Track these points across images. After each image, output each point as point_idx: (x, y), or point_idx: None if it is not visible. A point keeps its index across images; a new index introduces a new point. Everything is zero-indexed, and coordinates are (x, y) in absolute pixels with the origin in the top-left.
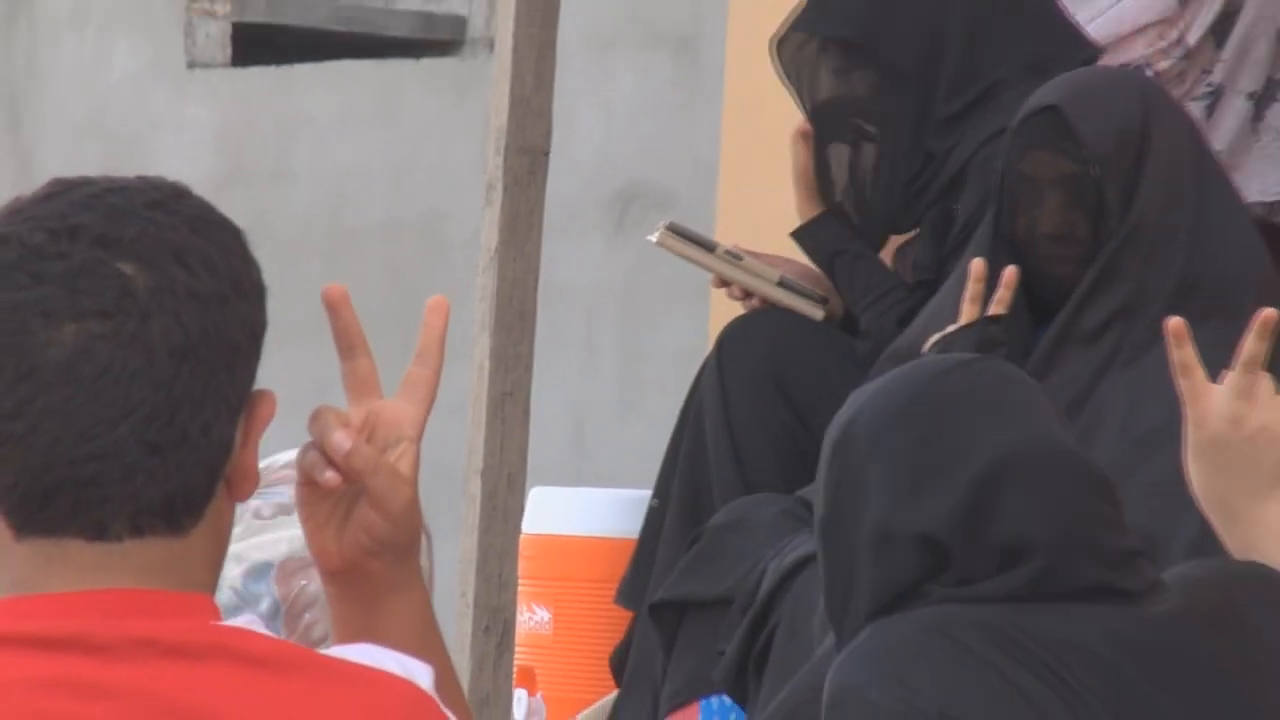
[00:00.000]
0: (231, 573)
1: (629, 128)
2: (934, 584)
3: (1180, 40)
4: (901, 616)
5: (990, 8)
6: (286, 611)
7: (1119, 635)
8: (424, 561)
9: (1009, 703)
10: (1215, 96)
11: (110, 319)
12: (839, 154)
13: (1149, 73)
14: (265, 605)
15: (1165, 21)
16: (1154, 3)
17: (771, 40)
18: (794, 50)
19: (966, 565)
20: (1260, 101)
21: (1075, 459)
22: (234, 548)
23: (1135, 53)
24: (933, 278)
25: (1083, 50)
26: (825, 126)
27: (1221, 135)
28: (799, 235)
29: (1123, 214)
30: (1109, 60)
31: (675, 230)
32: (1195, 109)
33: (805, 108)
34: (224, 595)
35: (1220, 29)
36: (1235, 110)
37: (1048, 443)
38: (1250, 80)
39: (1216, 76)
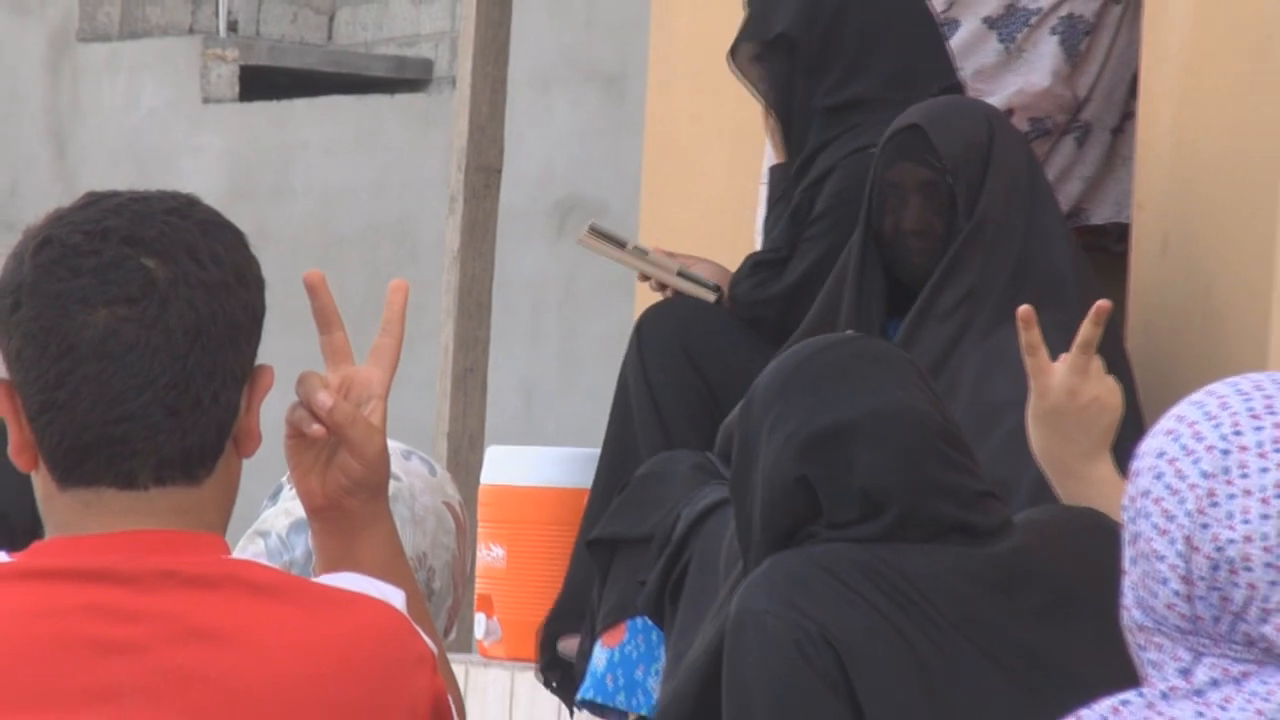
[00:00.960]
0: (279, 525)
1: (567, 149)
2: (817, 526)
3: (1074, 97)
4: (793, 552)
5: (879, 28)
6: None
7: (970, 569)
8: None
9: (877, 626)
10: (1085, 132)
11: (136, 304)
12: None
13: (1049, 124)
14: (299, 552)
15: (1065, 83)
16: (1055, 71)
17: (726, 54)
18: (740, 58)
19: (835, 509)
20: (1116, 134)
21: (924, 416)
22: (283, 505)
23: (1043, 111)
24: (786, 255)
25: (946, 79)
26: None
27: (1089, 164)
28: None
29: (969, 213)
30: (1020, 118)
31: (595, 230)
32: (1069, 142)
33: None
34: (271, 542)
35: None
36: (1100, 143)
37: (897, 405)
38: (1111, 118)
39: (1085, 115)
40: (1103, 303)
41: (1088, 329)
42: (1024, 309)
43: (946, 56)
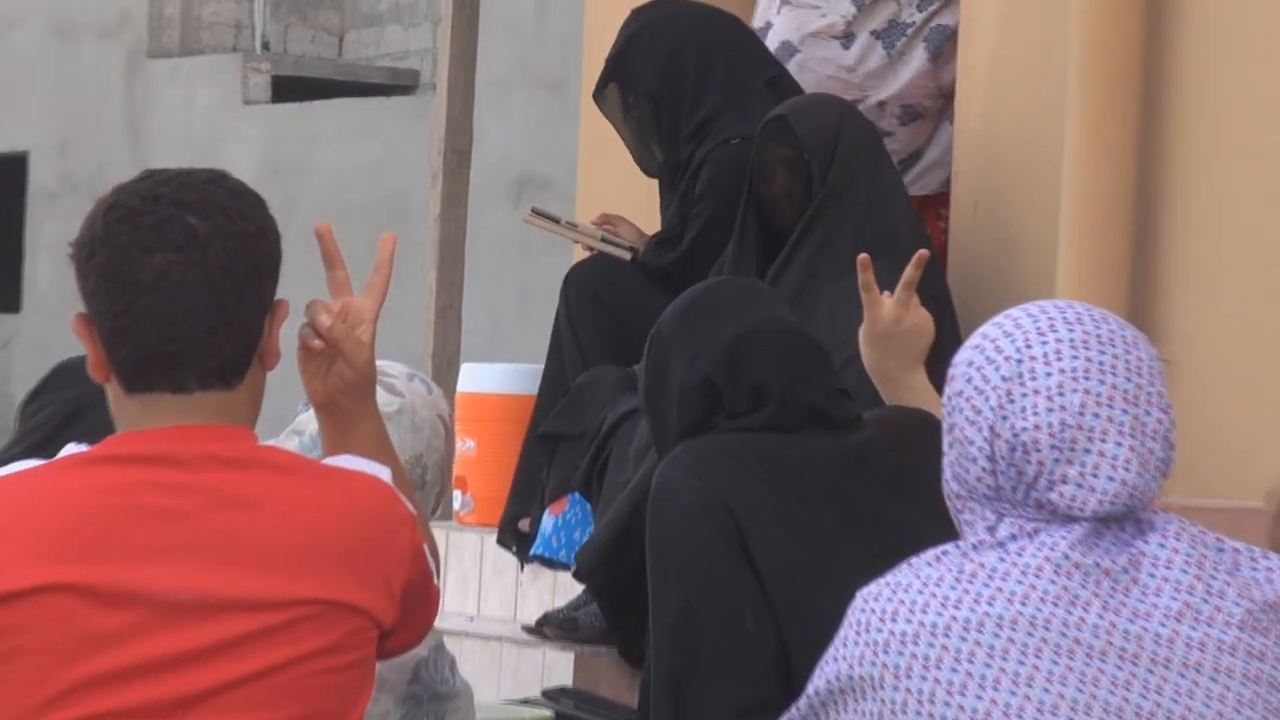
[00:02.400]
0: (310, 427)
1: (521, 138)
2: (718, 419)
3: (938, 88)
4: (700, 439)
5: (711, 54)
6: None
7: (833, 452)
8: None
9: (764, 495)
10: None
11: (182, 251)
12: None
13: (919, 109)
14: None
15: (929, 77)
16: (921, 70)
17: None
18: (609, 99)
19: (731, 403)
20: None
21: (797, 331)
22: (313, 411)
23: (914, 99)
24: (679, 231)
25: (767, 73)
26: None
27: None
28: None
29: (823, 182)
30: (896, 105)
31: (536, 211)
32: (946, 126)
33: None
34: (304, 439)
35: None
36: (947, 133)
37: (777, 321)
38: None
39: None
40: (922, 252)
41: (909, 272)
42: (862, 256)
43: (763, 54)
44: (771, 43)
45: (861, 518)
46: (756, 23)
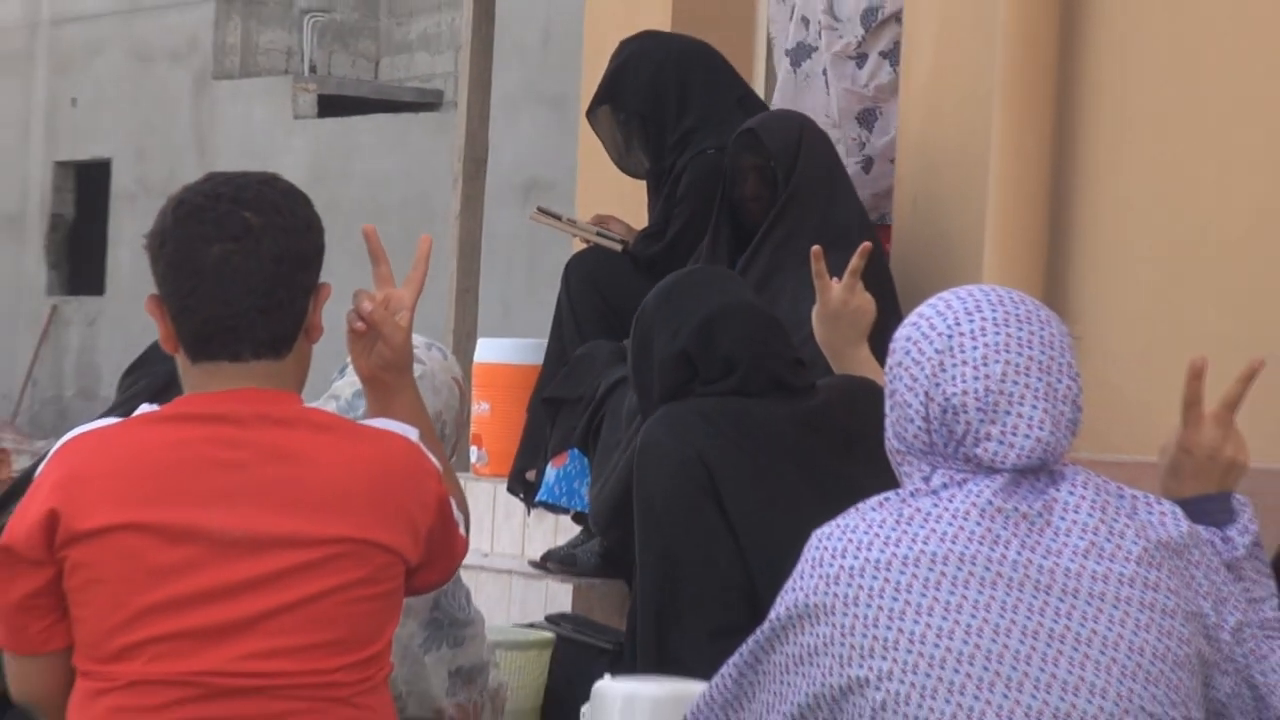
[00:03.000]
0: (346, 392)
1: (530, 147)
2: (694, 385)
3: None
4: (678, 404)
5: (689, 77)
6: (362, 415)
7: (792, 415)
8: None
9: (733, 452)
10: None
11: (239, 241)
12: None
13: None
14: (360, 411)
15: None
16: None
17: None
18: (600, 118)
19: (705, 372)
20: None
21: (760, 311)
22: (348, 379)
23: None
24: (663, 227)
25: (737, 92)
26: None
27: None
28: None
29: (786, 186)
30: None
31: (541, 210)
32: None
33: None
34: (340, 403)
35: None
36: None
37: (744, 302)
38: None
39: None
40: (865, 244)
41: (855, 261)
42: (815, 248)
43: (733, 76)
44: (817, 63)
45: (816, 470)
46: (782, 42)
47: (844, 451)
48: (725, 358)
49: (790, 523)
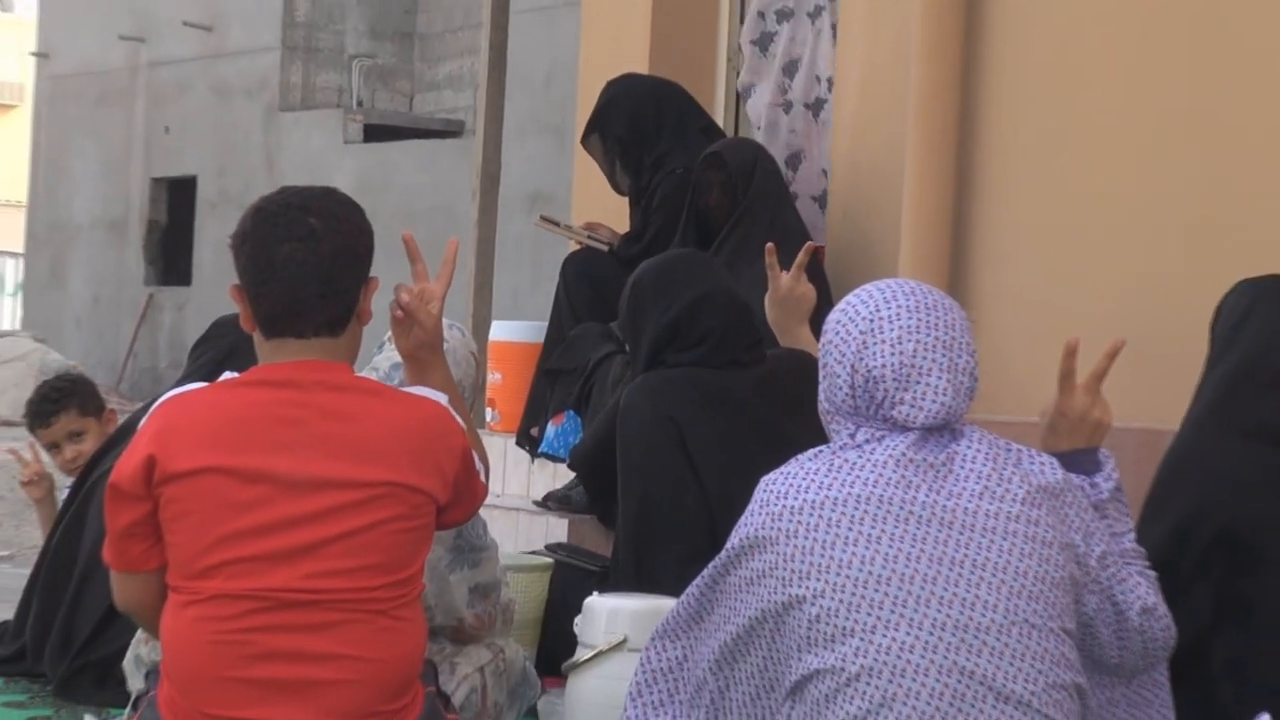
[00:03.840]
0: (383, 365)
1: (534, 166)
2: (670, 353)
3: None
4: (653, 373)
5: (663, 111)
6: (400, 383)
7: (747, 382)
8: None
9: (699, 413)
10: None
11: (303, 242)
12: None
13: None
14: (397, 380)
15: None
16: None
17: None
18: (590, 143)
19: (685, 341)
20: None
21: (738, 297)
22: (386, 354)
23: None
24: (640, 232)
25: (701, 122)
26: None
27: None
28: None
29: (744, 197)
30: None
31: (544, 218)
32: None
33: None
34: (379, 374)
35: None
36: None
37: (722, 286)
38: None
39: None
40: (810, 243)
41: (801, 256)
42: (769, 245)
43: (698, 109)
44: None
45: (764, 428)
46: (762, 95)
47: (787, 412)
48: (704, 332)
49: (743, 470)
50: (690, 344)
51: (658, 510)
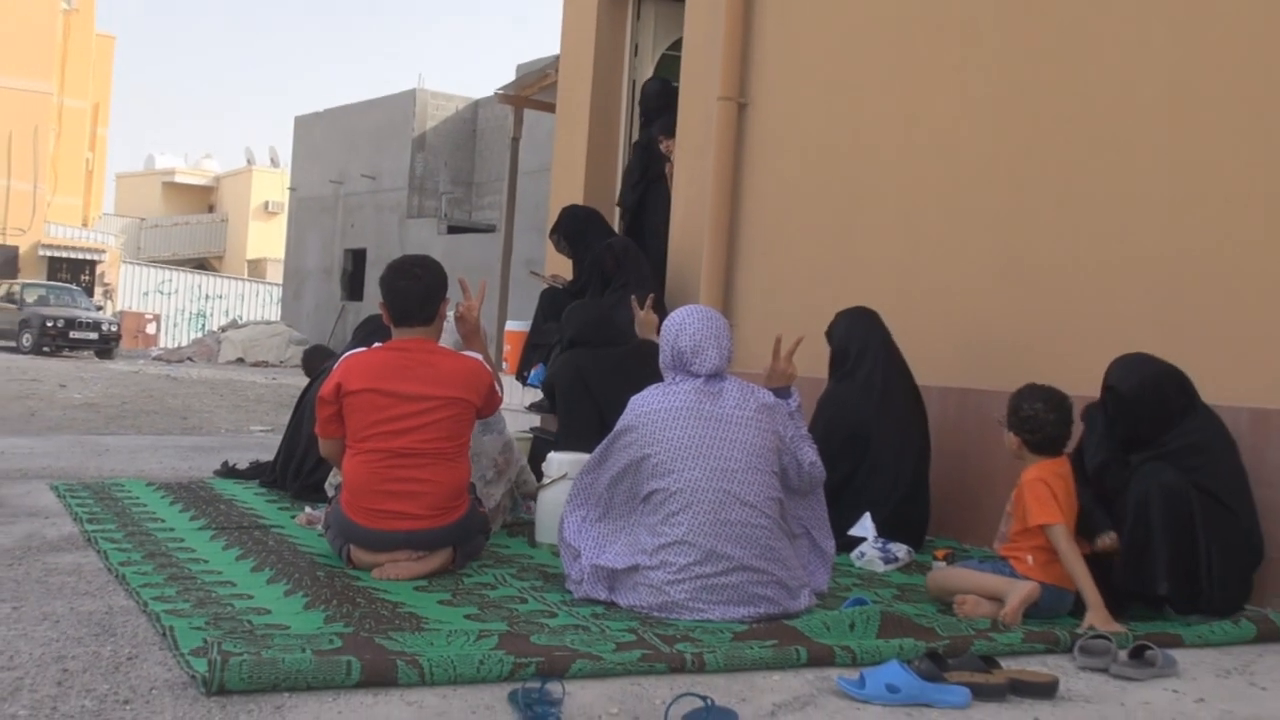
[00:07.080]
0: (449, 340)
1: (529, 247)
2: (581, 343)
3: None
4: (571, 350)
5: (590, 221)
6: (457, 345)
7: (621, 354)
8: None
9: (595, 366)
10: None
11: (412, 280)
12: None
13: None
14: (455, 344)
15: None
16: None
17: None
18: (557, 239)
19: (589, 340)
20: None
21: (609, 317)
22: (448, 339)
23: None
24: (578, 280)
25: (607, 227)
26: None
27: None
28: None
29: (624, 266)
30: None
31: (531, 271)
32: None
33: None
34: (449, 343)
35: None
36: None
37: (603, 315)
38: None
39: None
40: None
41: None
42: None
43: (604, 221)
44: None
45: (631, 374)
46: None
47: (643, 368)
48: (589, 336)
49: (619, 395)
50: (586, 340)
51: (574, 414)
